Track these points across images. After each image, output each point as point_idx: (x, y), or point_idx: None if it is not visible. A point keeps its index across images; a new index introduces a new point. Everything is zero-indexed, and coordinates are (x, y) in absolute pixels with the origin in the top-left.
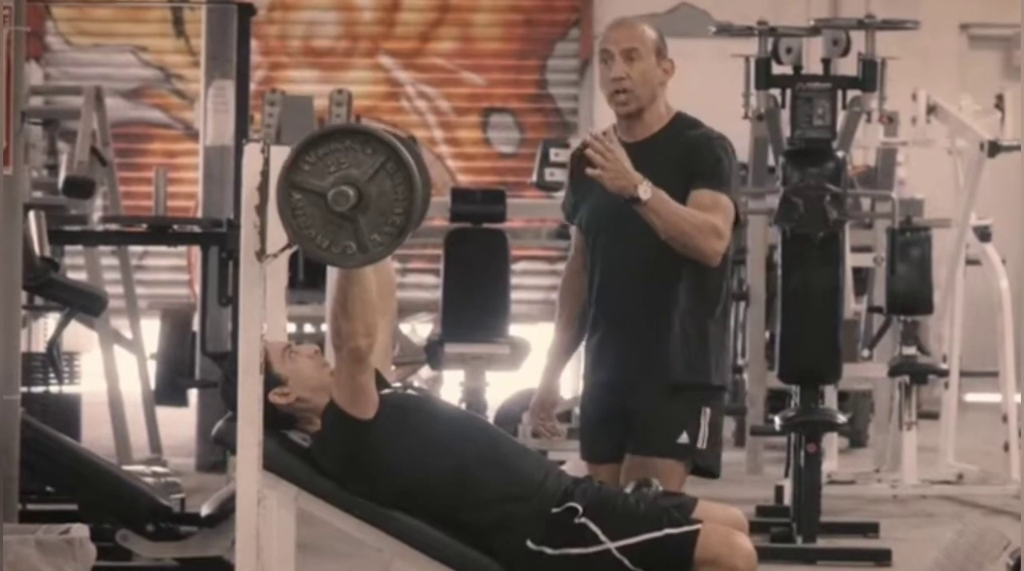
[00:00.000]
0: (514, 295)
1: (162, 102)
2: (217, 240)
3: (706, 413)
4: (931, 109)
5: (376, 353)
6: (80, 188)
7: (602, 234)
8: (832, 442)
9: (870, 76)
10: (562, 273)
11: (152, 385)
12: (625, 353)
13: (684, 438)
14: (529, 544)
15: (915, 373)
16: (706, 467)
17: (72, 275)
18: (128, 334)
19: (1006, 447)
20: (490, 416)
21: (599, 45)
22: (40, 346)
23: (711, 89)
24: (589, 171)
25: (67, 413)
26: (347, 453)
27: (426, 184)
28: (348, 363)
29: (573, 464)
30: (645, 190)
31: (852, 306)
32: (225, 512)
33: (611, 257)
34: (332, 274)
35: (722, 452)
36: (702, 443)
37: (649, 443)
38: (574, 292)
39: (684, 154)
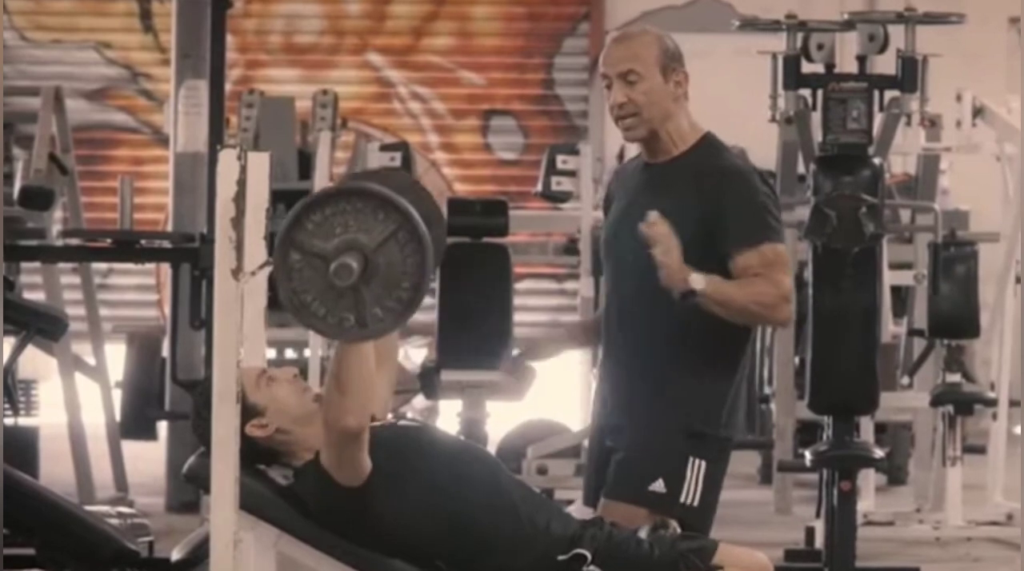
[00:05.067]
0: (517, 317)
1: (128, 104)
2: (189, 256)
3: (695, 464)
4: (977, 111)
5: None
6: (37, 199)
7: (609, 259)
8: (868, 479)
9: (910, 75)
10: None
11: (117, 416)
12: (620, 392)
13: (659, 486)
14: None
15: (960, 403)
16: (690, 527)
17: (29, 295)
18: (91, 360)
19: None
20: (491, 450)
21: (600, 66)
22: None
23: (735, 90)
24: (654, 253)
25: (23, 447)
26: (332, 504)
27: (440, 249)
28: (337, 439)
29: (581, 505)
30: (698, 281)
31: (890, 329)
32: (198, 557)
33: (615, 287)
34: None
35: (714, 513)
36: (688, 498)
37: (617, 486)
38: None
39: (715, 196)
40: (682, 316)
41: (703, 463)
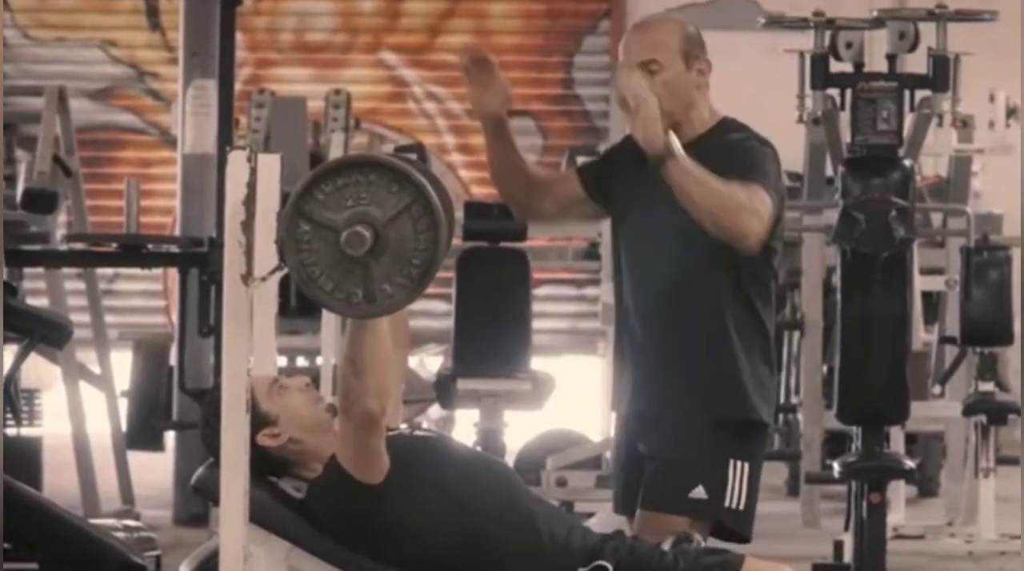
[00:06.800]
0: (536, 323)
1: (134, 104)
2: (197, 261)
3: (736, 466)
4: (1011, 112)
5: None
6: (41, 202)
7: (628, 238)
8: (898, 491)
9: (941, 74)
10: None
11: (123, 426)
12: (645, 385)
13: (700, 492)
14: None
15: (993, 412)
16: (736, 531)
17: (32, 301)
18: (96, 368)
19: None
20: (509, 461)
21: (620, 55)
22: None
23: (760, 89)
24: (620, 105)
25: (26, 458)
26: (348, 511)
27: (450, 233)
28: (356, 428)
29: (603, 518)
30: (676, 142)
31: (921, 336)
32: None
33: (635, 271)
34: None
35: (755, 510)
36: (732, 501)
37: (656, 496)
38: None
39: (721, 158)
40: (706, 307)
41: (746, 464)
